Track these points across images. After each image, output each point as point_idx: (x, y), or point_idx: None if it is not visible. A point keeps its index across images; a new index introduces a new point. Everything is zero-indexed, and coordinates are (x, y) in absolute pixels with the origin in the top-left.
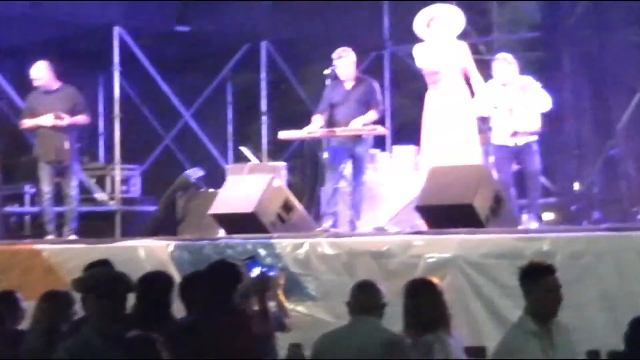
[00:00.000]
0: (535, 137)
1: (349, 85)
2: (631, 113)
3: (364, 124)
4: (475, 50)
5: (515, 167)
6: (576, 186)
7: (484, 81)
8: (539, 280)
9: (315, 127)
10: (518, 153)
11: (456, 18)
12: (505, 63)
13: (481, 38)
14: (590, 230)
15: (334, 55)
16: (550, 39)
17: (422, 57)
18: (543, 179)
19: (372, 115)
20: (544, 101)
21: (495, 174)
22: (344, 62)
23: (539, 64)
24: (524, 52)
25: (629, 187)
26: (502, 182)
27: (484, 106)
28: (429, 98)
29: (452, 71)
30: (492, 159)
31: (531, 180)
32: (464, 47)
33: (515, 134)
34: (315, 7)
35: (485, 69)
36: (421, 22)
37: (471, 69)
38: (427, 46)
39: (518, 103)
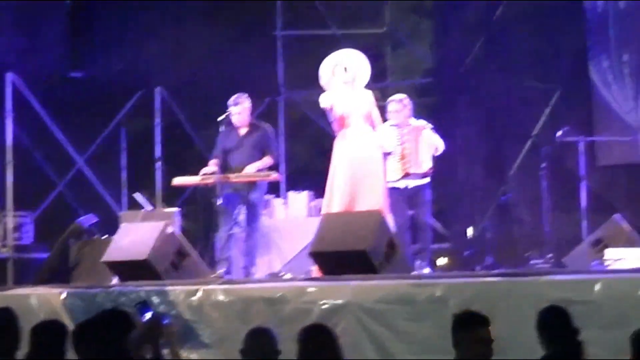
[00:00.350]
0: (427, 180)
1: (243, 131)
2: (523, 158)
3: (258, 169)
4: None
5: (409, 211)
6: (469, 231)
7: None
8: (470, 331)
9: (209, 173)
10: (410, 197)
11: (362, 64)
12: (400, 105)
13: (375, 84)
14: (482, 276)
15: (230, 101)
16: (444, 85)
17: (331, 102)
18: (436, 224)
19: (267, 161)
20: (437, 144)
21: (389, 218)
22: (239, 109)
23: (433, 110)
24: (418, 97)
25: (521, 232)
26: (397, 225)
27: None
28: (338, 143)
29: (360, 117)
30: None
31: (423, 225)
32: (369, 94)
33: (406, 175)
34: (209, 53)
35: (380, 115)
36: (327, 69)
37: (376, 117)
38: (335, 92)
39: (410, 145)
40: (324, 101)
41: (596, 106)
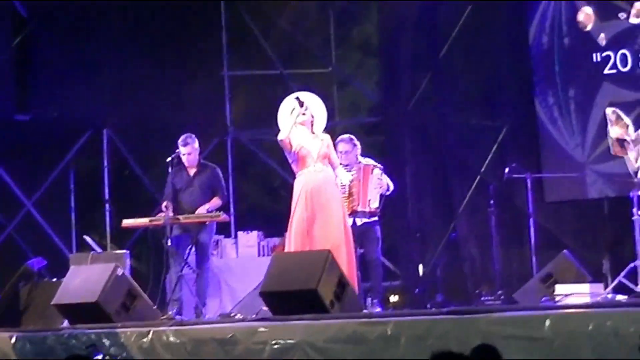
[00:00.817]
0: (375, 218)
1: (192, 171)
2: (471, 195)
3: (207, 210)
4: None
5: (359, 250)
6: (421, 269)
7: None
8: None
9: (159, 214)
10: (359, 235)
11: (321, 107)
12: (349, 145)
13: None
14: (434, 314)
15: (179, 141)
16: (391, 123)
17: (290, 141)
18: (387, 262)
19: (216, 202)
20: (387, 184)
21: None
22: (189, 149)
23: (381, 148)
24: (366, 136)
25: (471, 269)
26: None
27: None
28: (298, 183)
29: (319, 158)
30: None
31: (373, 264)
32: (327, 137)
33: (353, 213)
34: (157, 94)
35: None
36: (286, 109)
37: (334, 159)
38: (295, 132)
39: (358, 184)
40: (283, 136)
41: (543, 142)
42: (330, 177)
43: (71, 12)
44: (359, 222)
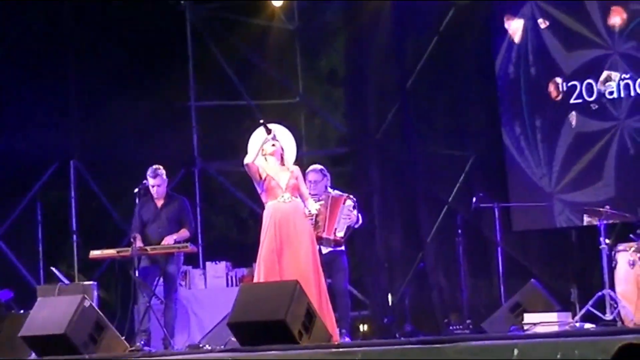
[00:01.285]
0: (341, 248)
1: (160, 202)
2: (439, 225)
3: (175, 241)
4: None
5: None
6: (390, 298)
7: None
8: None
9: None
10: (326, 264)
11: (290, 139)
12: (319, 175)
13: None
14: (402, 343)
15: (148, 173)
16: (358, 154)
17: (259, 171)
18: (355, 292)
19: (184, 233)
20: (358, 219)
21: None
22: (158, 181)
23: (348, 179)
24: (333, 167)
25: (439, 298)
26: None
27: None
28: (267, 214)
29: (289, 189)
30: None
31: (340, 293)
32: (297, 169)
33: (319, 239)
34: (123, 125)
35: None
36: (256, 141)
37: (304, 191)
38: (264, 162)
39: (324, 212)
40: (249, 160)
41: (510, 172)
42: (299, 208)
43: (38, 43)
44: (324, 250)
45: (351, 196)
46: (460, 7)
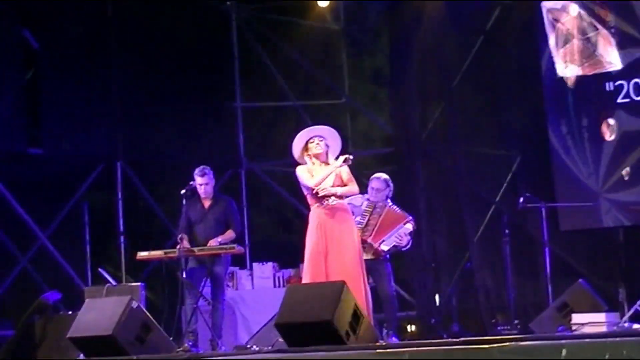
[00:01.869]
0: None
1: (207, 203)
2: (486, 225)
3: (220, 242)
4: None
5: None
6: (437, 299)
7: None
8: None
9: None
10: (369, 269)
11: (335, 139)
12: (383, 184)
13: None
14: (449, 344)
15: (196, 172)
16: (404, 154)
17: (306, 176)
18: (402, 292)
19: (230, 235)
20: (407, 242)
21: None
22: (206, 179)
23: (394, 179)
24: (379, 167)
25: (486, 298)
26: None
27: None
28: (313, 217)
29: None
30: None
31: (385, 297)
32: (344, 169)
33: (363, 242)
34: (170, 126)
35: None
36: (300, 142)
37: (346, 181)
38: (311, 166)
39: (387, 221)
40: (300, 174)
41: (557, 171)
42: (344, 209)
43: (83, 45)
44: (365, 255)
45: (412, 220)
46: (506, 7)
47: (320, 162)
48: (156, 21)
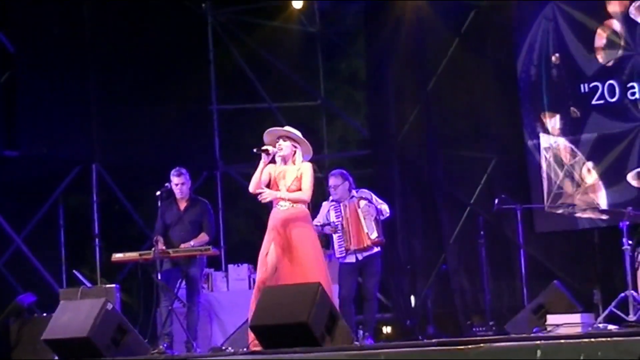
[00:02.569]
0: (378, 249)
1: (182, 204)
2: (461, 227)
3: (192, 246)
4: None
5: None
6: (412, 301)
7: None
8: None
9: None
10: (361, 268)
11: (302, 142)
12: (339, 179)
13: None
14: (425, 345)
15: (173, 172)
16: (380, 156)
17: (255, 178)
18: (378, 295)
19: (203, 237)
20: (381, 209)
21: (335, 289)
22: (182, 179)
23: (370, 181)
24: (355, 169)
25: (462, 300)
26: (343, 297)
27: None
28: (271, 218)
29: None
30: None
31: (369, 296)
32: (305, 165)
33: (348, 251)
34: (146, 129)
35: (318, 186)
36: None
37: (303, 185)
38: (273, 167)
39: (352, 218)
40: (251, 190)
41: (532, 173)
42: (297, 215)
43: (59, 47)
44: (360, 256)
45: (363, 195)
46: (482, 9)
47: (281, 164)
48: (132, 24)
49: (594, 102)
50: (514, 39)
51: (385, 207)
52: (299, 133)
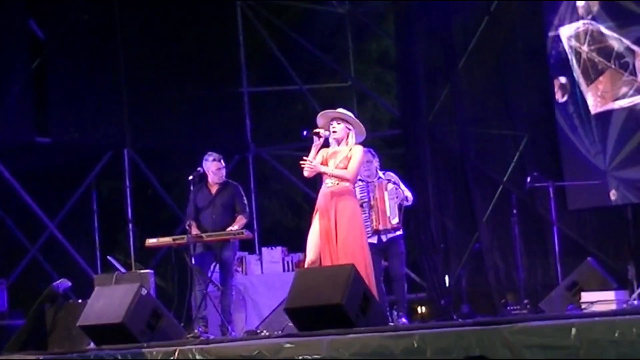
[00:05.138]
0: (399, 232)
1: (214, 189)
2: (494, 205)
3: (239, 227)
4: None
5: (384, 263)
6: (446, 280)
7: None
8: None
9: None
10: (384, 250)
11: (356, 123)
12: (370, 155)
13: None
14: (459, 325)
15: (209, 157)
16: (411, 136)
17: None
18: (412, 275)
19: (241, 220)
20: (406, 196)
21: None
22: (217, 165)
23: (401, 161)
24: (386, 149)
25: (496, 279)
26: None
27: None
28: (319, 196)
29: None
30: None
31: (397, 277)
32: (356, 148)
33: (376, 232)
34: (176, 113)
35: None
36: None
37: (349, 165)
38: (327, 149)
39: (377, 201)
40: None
41: (564, 150)
42: (342, 191)
43: (89, 33)
44: (384, 238)
45: (391, 178)
46: None
47: (334, 145)
48: (162, 9)
49: (624, 78)
50: (544, 16)
51: (409, 195)
52: (351, 115)
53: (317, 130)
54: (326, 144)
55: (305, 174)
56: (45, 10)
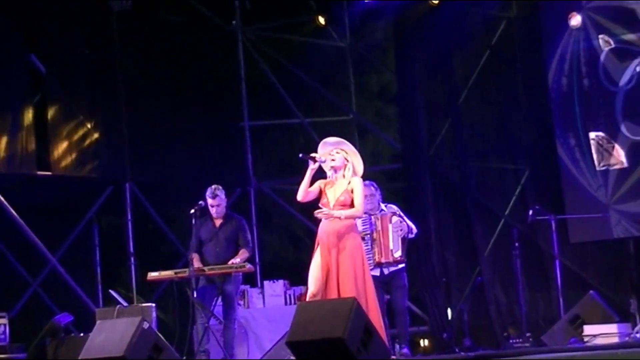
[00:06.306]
0: (402, 266)
1: (218, 222)
2: (496, 239)
3: (241, 261)
4: None
5: (386, 296)
6: (448, 314)
7: None
8: None
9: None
10: (386, 282)
11: (353, 150)
12: (372, 189)
13: None
14: (462, 358)
15: (208, 194)
16: (412, 169)
17: (317, 191)
18: (414, 308)
19: (244, 254)
20: (410, 228)
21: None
22: (218, 201)
23: (403, 195)
24: (388, 183)
25: (498, 312)
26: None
27: None
28: (319, 230)
29: (339, 205)
30: None
31: (400, 310)
32: (355, 180)
33: (378, 264)
34: (178, 147)
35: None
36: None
37: (355, 201)
38: (325, 180)
39: (380, 234)
40: (299, 198)
41: (566, 184)
42: (344, 224)
43: (90, 68)
44: (386, 271)
45: (395, 211)
46: (512, 21)
47: (333, 175)
48: (162, 42)
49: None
50: (545, 49)
51: (413, 227)
52: (352, 147)
53: (313, 154)
54: (321, 173)
55: (319, 217)
56: (46, 45)
